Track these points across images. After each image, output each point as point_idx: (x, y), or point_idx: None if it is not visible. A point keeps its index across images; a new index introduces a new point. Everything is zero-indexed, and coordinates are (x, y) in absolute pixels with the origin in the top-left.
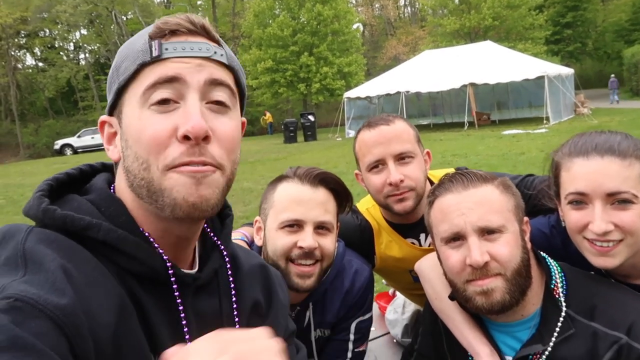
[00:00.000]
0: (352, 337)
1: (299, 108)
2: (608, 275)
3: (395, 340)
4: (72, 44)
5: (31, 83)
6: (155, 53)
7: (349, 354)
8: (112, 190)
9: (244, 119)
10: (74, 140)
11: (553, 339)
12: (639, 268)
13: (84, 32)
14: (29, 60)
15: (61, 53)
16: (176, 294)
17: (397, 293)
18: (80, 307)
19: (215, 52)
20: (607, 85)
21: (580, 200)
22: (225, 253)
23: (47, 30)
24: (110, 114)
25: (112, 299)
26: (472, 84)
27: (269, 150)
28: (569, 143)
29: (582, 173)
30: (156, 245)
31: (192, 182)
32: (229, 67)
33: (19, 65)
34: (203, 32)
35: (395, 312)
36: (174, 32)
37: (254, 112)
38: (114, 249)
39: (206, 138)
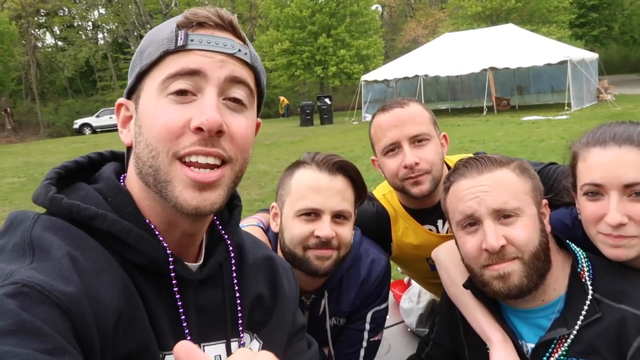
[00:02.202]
0: (367, 326)
1: (315, 91)
2: None
3: (409, 330)
4: (90, 23)
5: (51, 62)
6: (180, 43)
7: (364, 344)
8: (121, 180)
9: (259, 119)
10: (92, 120)
11: (579, 322)
12: None
13: (102, 11)
14: (49, 39)
15: (80, 32)
16: (175, 289)
17: (413, 282)
18: (87, 294)
19: (239, 50)
20: (631, 71)
21: (596, 191)
22: (230, 246)
23: (66, 9)
24: (129, 97)
25: (118, 285)
26: (493, 68)
27: (285, 133)
28: (588, 133)
29: (598, 163)
30: (161, 238)
31: (197, 186)
32: (251, 66)
33: (39, 44)
34: (230, 28)
35: (410, 301)
36: (201, 25)
37: (270, 94)
38: (118, 240)
39: (220, 132)
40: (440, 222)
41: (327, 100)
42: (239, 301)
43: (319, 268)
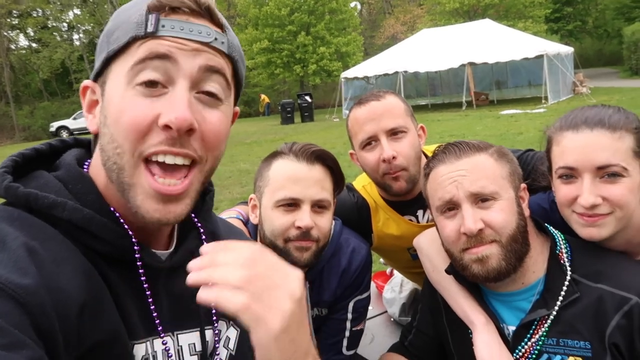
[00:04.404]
0: (349, 316)
1: (296, 89)
2: None
3: (392, 319)
4: (65, 24)
5: (25, 64)
6: (150, 29)
7: (347, 333)
8: (86, 166)
9: (237, 108)
10: (69, 122)
11: (558, 303)
12: (633, 243)
13: (77, 11)
14: (22, 41)
15: (55, 33)
16: (142, 278)
17: (395, 272)
18: (45, 285)
19: (215, 39)
20: (606, 64)
21: (570, 174)
22: (203, 234)
23: (40, 10)
24: (95, 80)
25: (81, 275)
26: (471, 63)
27: (265, 131)
28: (561, 118)
29: (571, 147)
30: (126, 226)
31: (161, 198)
32: (229, 56)
33: (12, 46)
34: (207, 14)
35: (392, 290)
36: (174, 9)
37: (251, 92)
38: (80, 228)
39: (190, 130)
40: (420, 213)
41: (307, 98)
42: None
43: (298, 259)
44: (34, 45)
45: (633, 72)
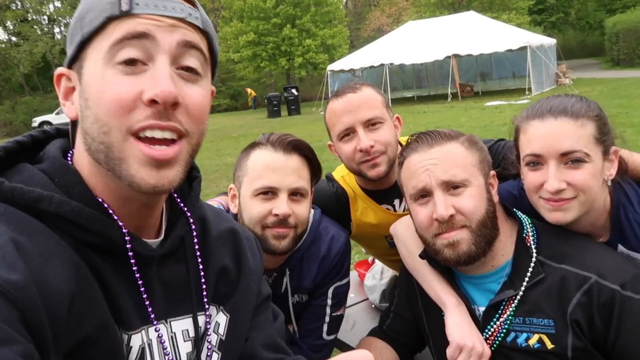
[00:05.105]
0: (329, 302)
1: (282, 82)
2: None
3: (373, 306)
4: (46, 17)
5: (5, 58)
6: (124, 7)
7: (327, 318)
8: (69, 157)
9: (213, 87)
10: (52, 117)
11: (524, 283)
12: (597, 226)
13: (57, 4)
14: (1, 35)
15: (35, 27)
16: (134, 268)
17: (376, 260)
18: (34, 280)
19: (190, 14)
20: (588, 56)
21: (537, 161)
22: (191, 219)
23: (19, 3)
24: (70, 67)
25: (69, 269)
26: (456, 55)
27: (252, 125)
28: (528, 107)
29: (537, 135)
30: (115, 216)
31: (154, 163)
32: (203, 32)
33: None
34: None
35: (373, 278)
36: None
37: (237, 86)
38: (68, 221)
39: (175, 104)
40: (397, 202)
41: (293, 91)
42: (202, 274)
43: (276, 247)
44: (13, 39)
45: (614, 63)
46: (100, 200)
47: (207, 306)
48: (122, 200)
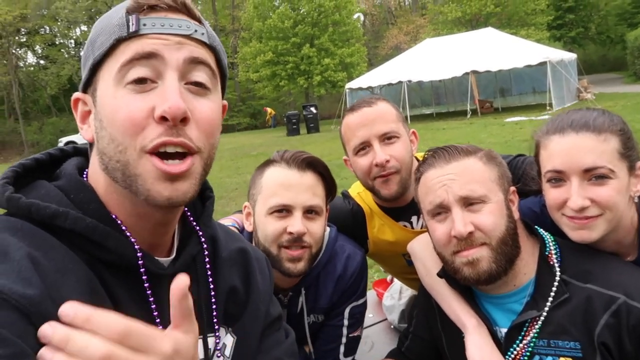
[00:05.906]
0: (346, 322)
1: (301, 100)
2: None
3: (392, 326)
4: (72, 40)
5: (33, 81)
6: (132, 28)
7: (344, 339)
8: (85, 175)
9: (225, 102)
10: (77, 137)
11: (548, 304)
12: (624, 244)
13: (84, 28)
14: (30, 58)
15: (62, 50)
16: (146, 284)
17: (395, 279)
18: (49, 295)
19: (195, 31)
20: (610, 70)
21: (558, 177)
22: (203, 238)
23: (47, 28)
24: (85, 91)
25: (83, 285)
26: (474, 72)
27: (271, 143)
28: (548, 122)
29: (558, 150)
30: (128, 233)
31: (168, 177)
32: (210, 47)
33: (21, 64)
34: (183, 8)
35: (392, 298)
36: (152, 8)
37: (256, 105)
38: (83, 237)
39: (184, 119)
40: (414, 219)
41: (312, 109)
42: (213, 293)
43: (292, 271)
44: (41, 62)
45: (637, 78)
46: (114, 217)
47: (217, 327)
48: (137, 217)
